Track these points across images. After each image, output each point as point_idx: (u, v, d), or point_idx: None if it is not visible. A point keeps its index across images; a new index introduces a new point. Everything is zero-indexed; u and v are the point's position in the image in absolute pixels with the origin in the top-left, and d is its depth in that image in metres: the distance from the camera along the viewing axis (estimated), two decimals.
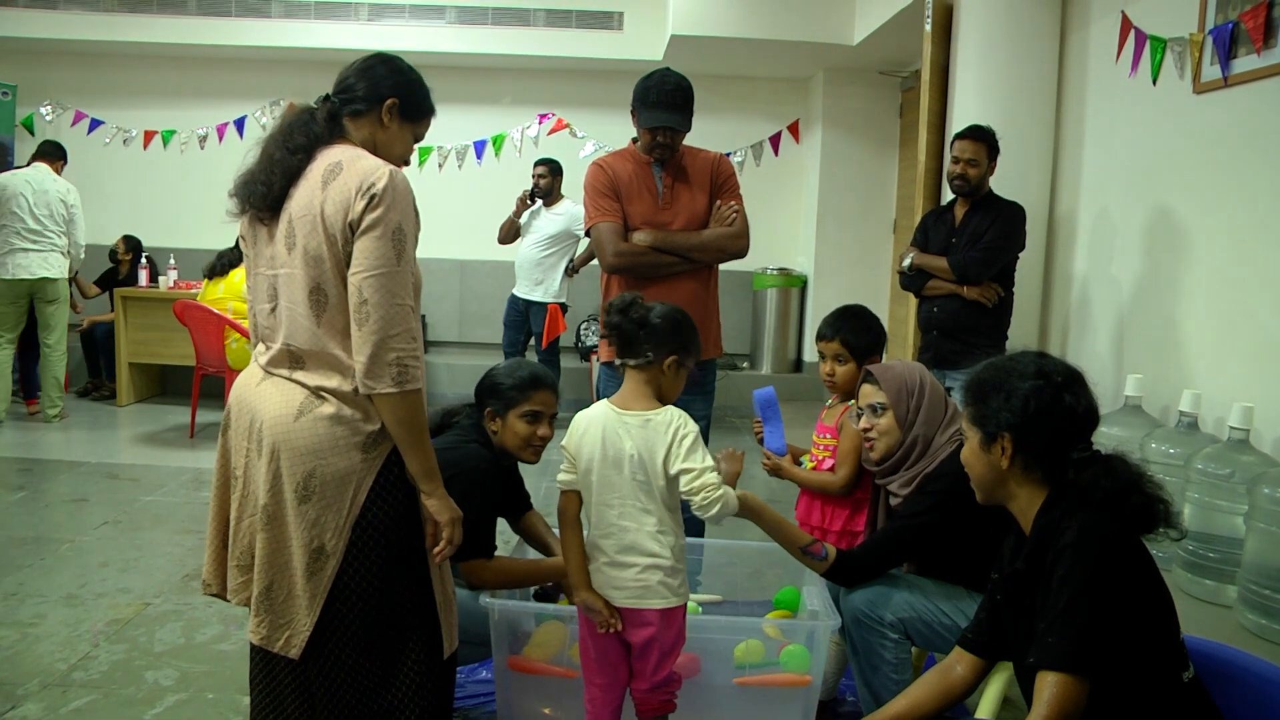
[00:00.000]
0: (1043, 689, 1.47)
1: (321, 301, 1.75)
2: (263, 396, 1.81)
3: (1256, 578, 2.60)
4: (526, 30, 7.39)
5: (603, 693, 2.00)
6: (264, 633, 1.80)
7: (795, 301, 7.64)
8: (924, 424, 2.30)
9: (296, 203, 1.77)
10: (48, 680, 2.71)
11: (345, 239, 1.72)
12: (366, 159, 1.77)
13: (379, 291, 1.69)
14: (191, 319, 5.82)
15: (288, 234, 1.77)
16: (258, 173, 1.82)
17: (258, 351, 1.90)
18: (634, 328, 1.95)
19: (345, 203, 1.71)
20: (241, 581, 1.86)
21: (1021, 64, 4.39)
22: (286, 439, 1.75)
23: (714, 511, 1.88)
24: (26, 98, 7.99)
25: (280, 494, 1.77)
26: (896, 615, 2.17)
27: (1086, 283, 4.23)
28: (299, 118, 1.84)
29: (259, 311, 1.87)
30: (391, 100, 1.86)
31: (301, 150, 1.79)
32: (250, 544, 1.83)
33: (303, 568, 1.76)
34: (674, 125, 2.94)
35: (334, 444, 1.75)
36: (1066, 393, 1.63)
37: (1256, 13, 3.10)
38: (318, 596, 1.77)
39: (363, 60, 1.90)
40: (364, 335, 1.70)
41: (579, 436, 1.98)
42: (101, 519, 4.21)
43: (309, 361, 1.78)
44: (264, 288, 1.84)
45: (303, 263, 1.75)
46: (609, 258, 2.97)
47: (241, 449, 1.84)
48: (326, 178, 1.74)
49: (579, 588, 1.98)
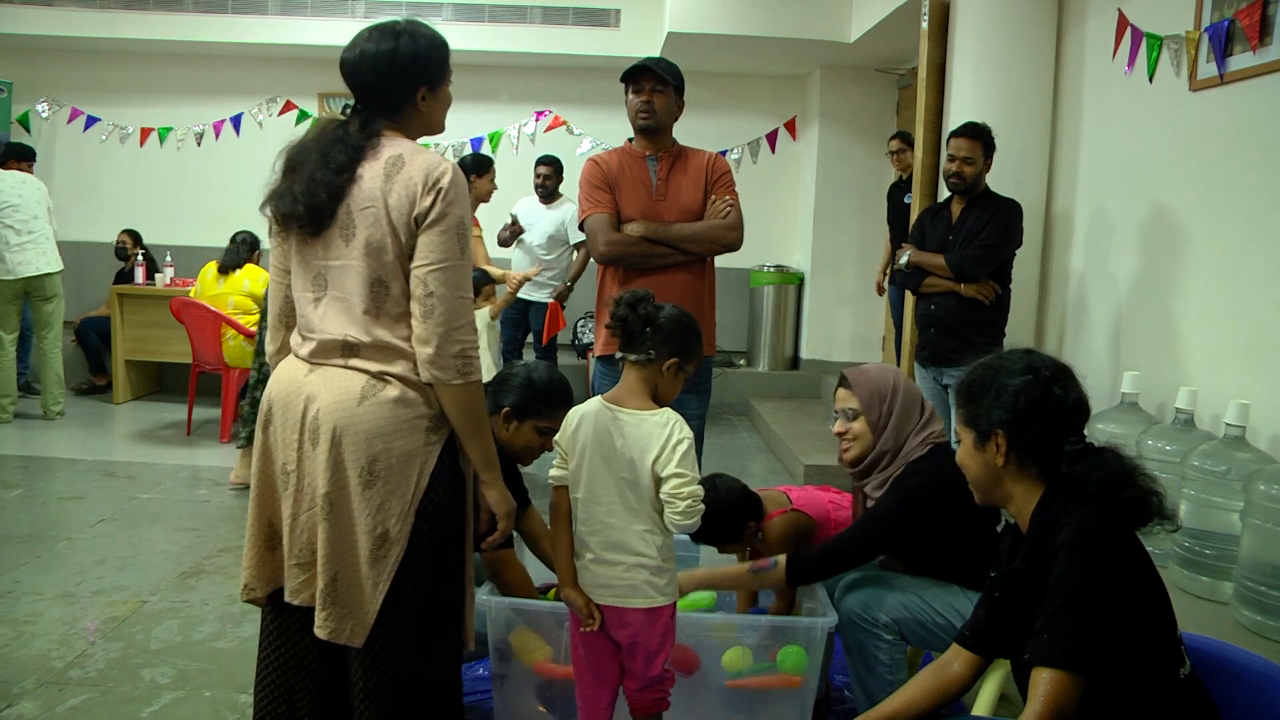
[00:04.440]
0: (1037, 685, 1.48)
1: (381, 293, 1.76)
2: (316, 386, 1.78)
3: (1252, 574, 2.61)
4: (523, 27, 7.38)
5: (594, 691, 2.00)
6: (332, 625, 1.76)
7: (792, 299, 7.64)
8: (895, 428, 2.31)
9: (354, 197, 1.75)
10: (44, 678, 2.71)
11: (410, 232, 1.74)
12: (424, 152, 1.79)
13: (445, 285, 1.73)
14: (188, 316, 5.81)
15: (345, 226, 1.76)
16: (301, 195, 1.76)
17: (295, 343, 1.87)
18: (640, 323, 1.94)
19: (411, 196, 1.73)
20: (304, 580, 1.81)
21: (1018, 61, 4.39)
22: (350, 423, 1.73)
23: (690, 523, 1.89)
24: (22, 94, 7.97)
25: (343, 480, 1.75)
26: (891, 616, 2.18)
27: (1083, 280, 4.23)
28: (333, 134, 1.80)
29: (301, 302, 1.84)
30: (422, 88, 1.85)
31: (345, 169, 1.76)
32: (310, 539, 1.79)
33: (366, 554, 1.75)
34: (649, 65, 2.98)
35: (399, 426, 1.76)
36: (1056, 385, 1.64)
37: (1252, 10, 3.10)
38: (380, 584, 1.76)
39: (376, 54, 1.80)
40: (429, 327, 1.73)
41: (572, 432, 1.98)
42: (98, 516, 4.21)
43: (365, 351, 1.77)
44: (308, 279, 1.82)
45: (363, 254, 1.75)
46: (600, 247, 2.99)
47: (291, 443, 1.80)
48: (389, 170, 1.75)
49: (564, 584, 1.98)
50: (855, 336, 7.45)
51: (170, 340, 6.34)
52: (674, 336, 1.96)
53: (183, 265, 6.96)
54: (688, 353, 1.99)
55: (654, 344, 1.94)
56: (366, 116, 1.82)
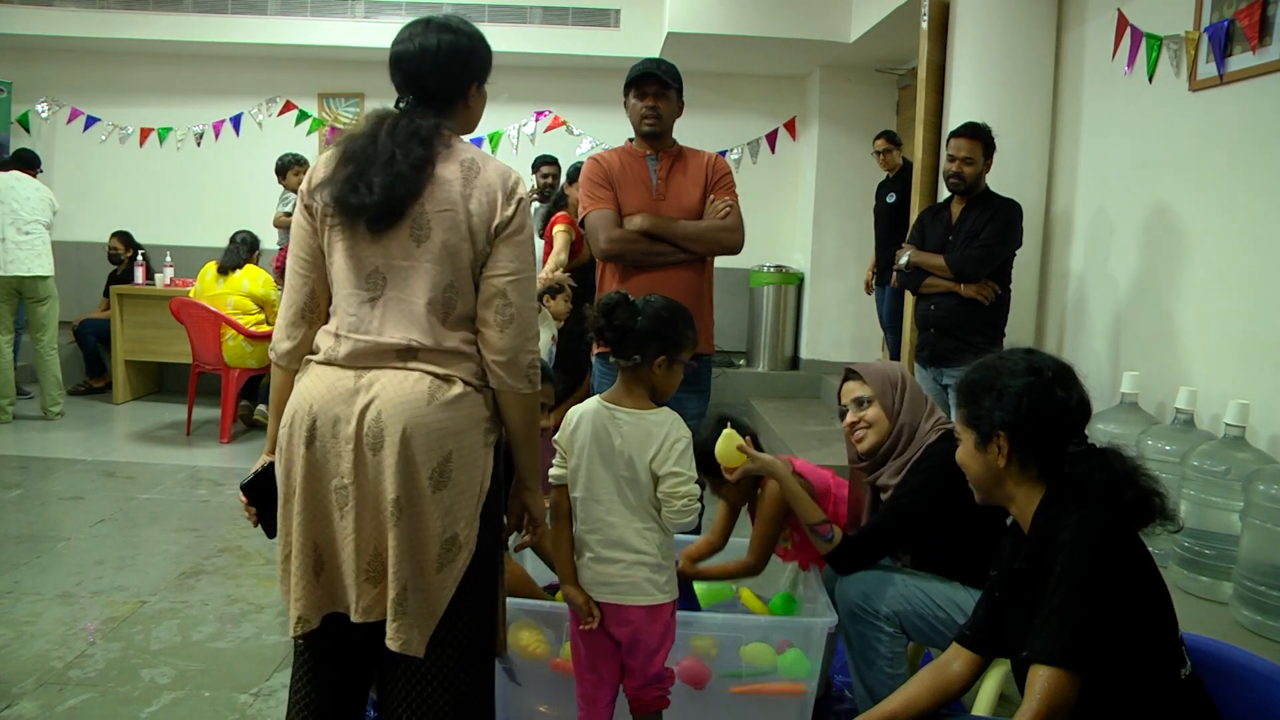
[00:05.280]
0: (1034, 683, 1.48)
1: (452, 298, 1.72)
2: (374, 389, 1.68)
3: (1252, 574, 2.61)
4: (523, 28, 7.38)
5: (594, 689, 2.00)
6: (404, 637, 1.68)
7: (792, 299, 7.63)
8: (909, 413, 2.33)
9: (433, 198, 1.70)
10: (44, 678, 2.71)
11: (487, 239, 1.72)
12: (493, 158, 1.78)
13: (522, 295, 1.73)
14: (188, 316, 5.81)
15: (418, 226, 1.70)
16: (380, 187, 1.67)
17: (328, 343, 1.75)
18: (618, 334, 1.93)
19: (492, 204, 1.72)
20: (375, 595, 1.71)
21: (1018, 62, 4.39)
22: (421, 423, 1.66)
23: (686, 520, 1.89)
24: (22, 95, 7.97)
25: (414, 482, 1.67)
26: (892, 608, 2.18)
27: (1083, 280, 4.23)
28: (405, 127, 1.72)
29: (349, 300, 1.73)
30: (474, 84, 1.83)
31: (423, 164, 1.70)
32: (379, 550, 1.70)
33: (434, 559, 1.70)
34: (652, 70, 2.98)
35: (469, 424, 1.72)
36: (1058, 387, 1.64)
37: (1252, 10, 3.10)
38: (447, 589, 1.72)
39: (439, 46, 1.75)
40: (507, 337, 1.72)
41: (571, 431, 1.99)
42: (98, 516, 4.20)
43: (425, 355, 1.71)
44: (359, 277, 1.73)
45: (437, 258, 1.70)
46: (601, 244, 3.00)
47: (345, 455, 1.68)
48: (467, 175, 1.72)
49: (564, 581, 1.99)
50: (855, 336, 7.44)
51: (170, 340, 6.34)
52: (656, 336, 1.94)
53: (182, 265, 6.95)
54: (676, 345, 1.97)
55: (636, 349, 1.93)
56: (425, 111, 1.76)
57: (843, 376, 2.45)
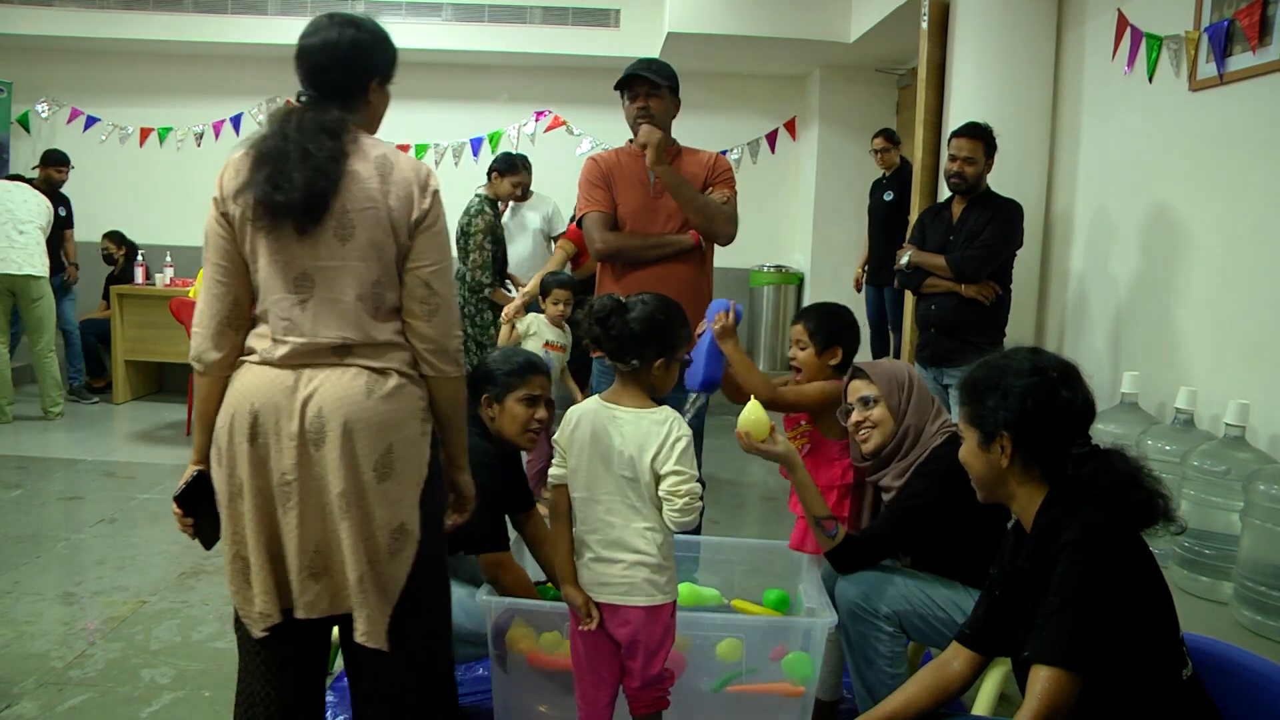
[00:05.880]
0: (1035, 683, 1.48)
1: (379, 294, 1.76)
2: (313, 386, 1.71)
3: (1252, 574, 2.61)
4: (523, 27, 7.38)
5: (594, 689, 2.00)
6: (366, 629, 1.72)
7: (791, 299, 7.64)
8: (915, 414, 2.32)
9: (352, 196, 1.72)
10: (44, 678, 2.71)
11: (408, 233, 1.76)
12: (403, 153, 1.83)
13: (444, 284, 1.80)
14: (188, 316, 5.79)
15: (342, 226, 1.72)
16: (301, 184, 1.68)
17: (263, 346, 1.76)
18: (616, 342, 1.94)
19: (409, 198, 1.76)
20: (318, 591, 1.74)
21: (1018, 61, 4.39)
22: (362, 416, 1.71)
23: (687, 520, 1.89)
24: (22, 95, 7.96)
25: (358, 475, 1.71)
26: (892, 608, 2.18)
27: (1083, 280, 4.23)
28: (312, 122, 1.74)
29: (279, 304, 1.75)
30: (375, 79, 1.86)
31: (338, 158, 1.72)
32: (320, 546, 1.73)
33: (385, 549, 1.74)
34: (640, 71, 2.97)
35: (408, 415, 1.77)
36: (1063, 388, 1.63)
37: (1252, 10, 3.10)
38: (399, 579, 1.76)
39: (339, 40, 1.80)
40: (434, 325, 1.78)
41: (570, 431, 1.99)
42: (98, 516, 4.21)
43: (359, 350, 1.75)
44: (288, 280, 1.74)
45: (362, 255, 1.73)
46: (597, 245, 3.02)
47: (288, 450, 1.71)
48: (382, 171, 1.75)
49: (564, 582, 1.98)
50: None
51: (170, 340, 6.34)
52: (652, 341, 1.94)
53: (182, 265, 6.95)
54: (672, 346, 1.98)
55: (635, 353, 1.94)
56: (327, 104, 1.79)
57: (849, 374, 2.44)
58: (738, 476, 5.29)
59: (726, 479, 5.18)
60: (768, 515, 4.73)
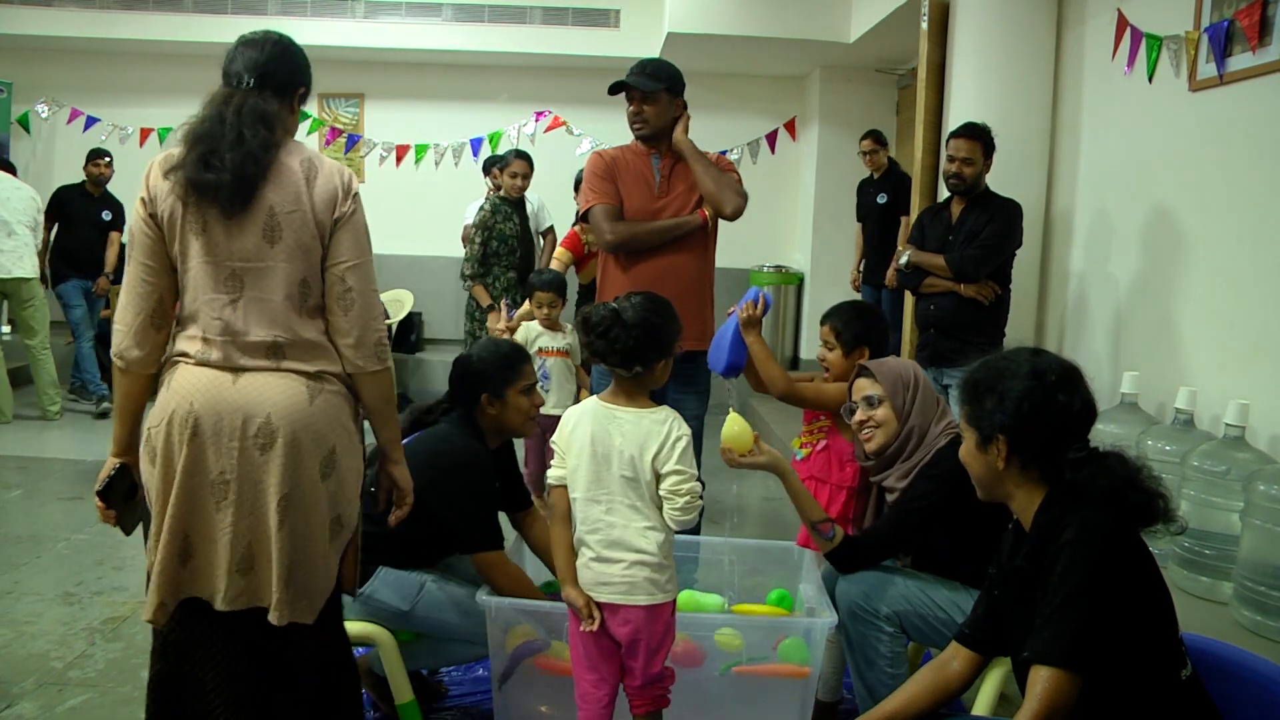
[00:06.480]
0: (1035, 683, 1.48)
1: (306, 293, 1.82)
2: (256, 391, 1.77)
3: (1252, 574, 2.61)
4: (523, 28, 7.38)
5: (594, 689, 2.00)
6: (282, 610, 1.80)
7: (791, 299, 7.64)
8: (919, 415, 2.31)
9: (279, 197, 1.79)
10: (44, 678, 2.71)
11: (329, 233, 1.83)
12: (327, 159, 1.91)
13: (362, 280, 1.84)
14: None
15: (269, 228, 1.78)
16: (231, 164, 1.74)
17: (194, 348, 1.79)
18: (619, 355, 1.94)
19: (332, 199, 1.82)
20: (244, 586, 1.80)
21: (1018, 62, 4.39)
22: (308, 424, 1.79)
23: (688, 519, 1.90)
24: (22, 95, 7.97)
25: (301, 479, 1.79)
26: (892, 608, 2.17)
27: (1083, 280, 4.23)
28: (251, 106, 1.81)
29: (209, 304, 1.78)
30: (301, 89, 1.95)
31: (270, 146, 1.79)
32: (252, 544, 1.79)
33: (325, 537, 1.83)
34: (628, 82, 2.97)
35: (346, 415, 1.87)
36: (1060, 392, 1.62)
37: (1251, 10, 3.11)
38: (334, 562, 1.87)
39: (279, 41, 1.95)
40: (351, 320, 1.84)
41: (569, 432, 1.99)
42: (98, 517, 4.19)
43: (291, 351, 1.81)
44: (218, 280, 1.78)
45: (289, 256, 1.79)
46: (607, 236, 3.01)
47: (230, 451, 1.76)
48: (307, 174, 1.82)
49: (565, 582, 1.98)
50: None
51: None
52: (654, 345, 1.95)
53: None
54: (668, 347, 1.99)
55: (636, 359, 1.95)
56: (267, 94, 1.86)
57: (855, 372, 2.44)
58: (744, 481, 5.27)
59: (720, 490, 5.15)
60: (768, 515, 4.73)
